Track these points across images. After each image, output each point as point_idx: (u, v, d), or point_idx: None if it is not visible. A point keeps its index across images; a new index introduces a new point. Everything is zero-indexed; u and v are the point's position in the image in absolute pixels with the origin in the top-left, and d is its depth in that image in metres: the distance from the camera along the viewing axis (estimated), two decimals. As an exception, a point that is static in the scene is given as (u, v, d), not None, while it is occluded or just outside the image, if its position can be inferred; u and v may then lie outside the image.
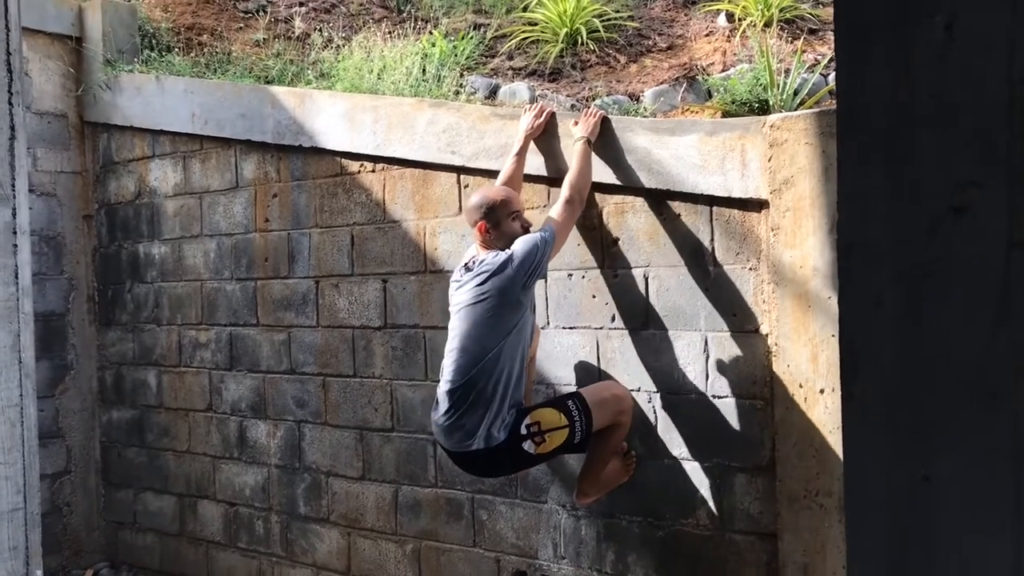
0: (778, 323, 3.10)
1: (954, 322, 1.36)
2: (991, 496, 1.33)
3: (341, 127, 4.33)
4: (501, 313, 3.14)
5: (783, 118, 3.07)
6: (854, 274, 1.53)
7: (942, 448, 1.37)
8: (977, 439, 1.33)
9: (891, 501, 1.41)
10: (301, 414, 4.61)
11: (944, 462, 1.36)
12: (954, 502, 1.36)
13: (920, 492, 1.38)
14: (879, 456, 1.43)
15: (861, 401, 1.48)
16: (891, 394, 1.42)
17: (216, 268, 5.00)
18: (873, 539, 1.44)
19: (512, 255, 3.16)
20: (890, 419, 1.42)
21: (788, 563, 3.08)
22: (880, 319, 1.46)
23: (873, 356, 1.46)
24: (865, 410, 1.46)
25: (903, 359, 1.41)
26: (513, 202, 3.30)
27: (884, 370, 1.43)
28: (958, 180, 1.36)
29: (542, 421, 3.16)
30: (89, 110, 5.60)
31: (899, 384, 1.41)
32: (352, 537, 4.42)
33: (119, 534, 5.62)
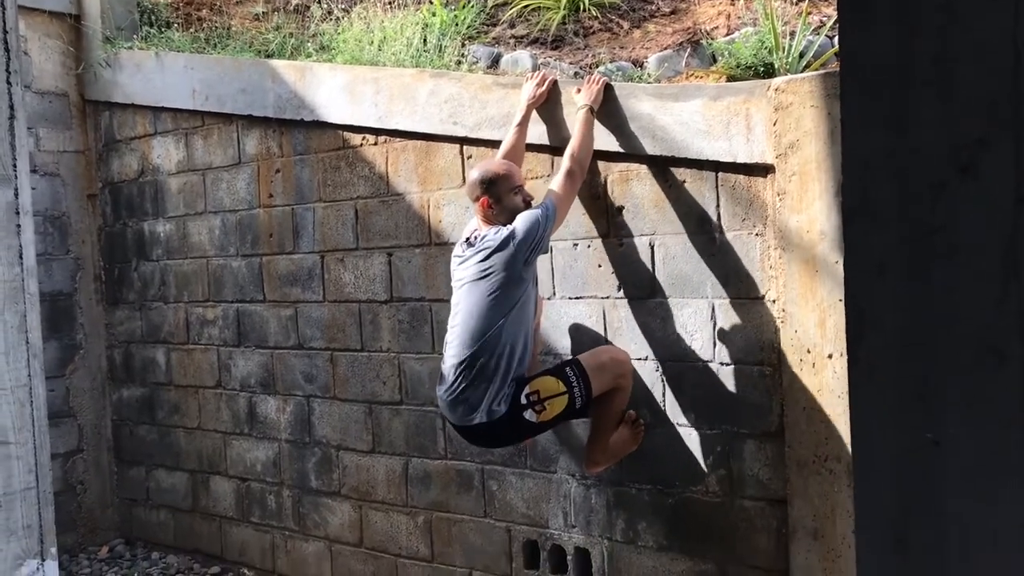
0: (785, 289, 3.08)
1: (961, 284, 1.34)
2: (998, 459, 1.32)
3: (342, 100, 4.30)
4: (504, 289, 3.14)
5: (788, 81, 3.03)
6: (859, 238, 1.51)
7: (949, 412, 1.35)
8: (985, 402, 1.32)
9: (898, 465, 1.40)
10: (310, 389, 4.62)
11: (951, 426, 1.35)
12: (961, 466, 1.35)
13: (927, 456, 1.37)
14: (886, 420, 1.42)
15: (867, 365, 1.46)
16: (897, 358, 1.40)
17: (221, 245, 5.00)
18: (880, 504, 1.43)
19: (514, 231, 3.15)
20: (897, 383, 1.40)
21: (798, 528, 3.08)
22: (886, 282, 1.44)
23: (879, 320, 1.44)
24: (871, 374, 1.45)
25: (909, 322, 1.39)
26: (514, 176, 3.29)
27: (890, 334, 1.42)
28: (963, 140, 1.34)
29: (541, 389, 3.17)
30: (90, 88, 5.58)
31: (905, 348, 1.39)
32: (364, 510, 4.44)
33: (133, 511, 5.66)
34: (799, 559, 3.09)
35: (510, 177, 3.26)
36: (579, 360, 3.25)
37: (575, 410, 3.22)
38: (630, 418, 3.44)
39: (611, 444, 3.38)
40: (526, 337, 3.23)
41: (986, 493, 1.33)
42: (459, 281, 3.27)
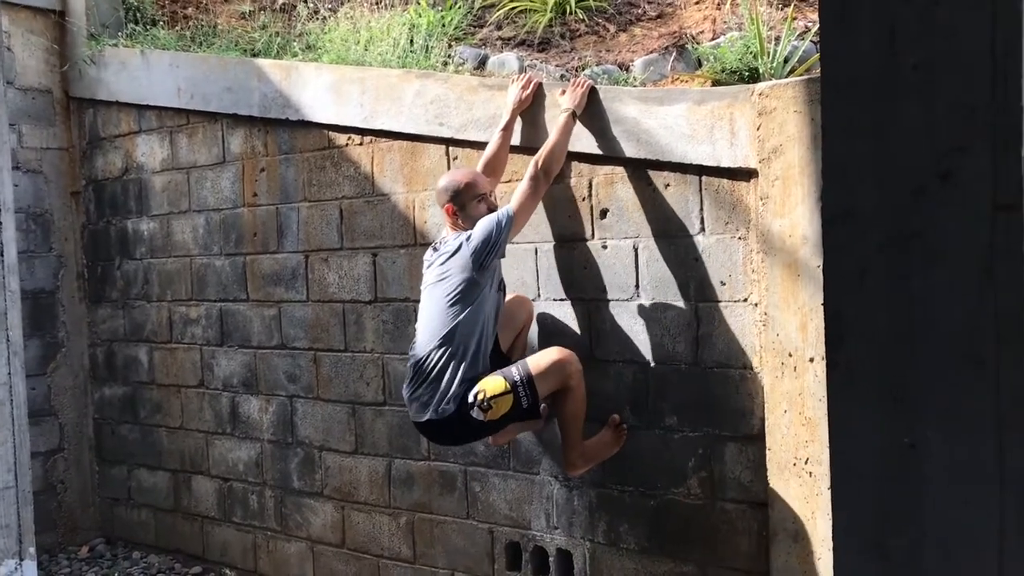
0: (767, 292, 3.10)
1: (939, 289, 1.35)
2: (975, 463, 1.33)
3: (327, 99, 4.29)
4: (460, 292, 3.24)
5: (772, 86, 3.05)
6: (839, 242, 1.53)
7: (927, 416, 1.37)
8: (962, 406, 1.33)
9: (876, 469, 1.42)
10: (293, 389, 4.61)
11: (929, 430, 1.36)
12: (939, 470, 1.36)
13: (905, 460, 1.39)
14: (864, 424, 1.43)
15: (846, 370, 1.47)
16: (876, 362, 1.42)
17: (205, 244, 4.98)
18: (858, 507, 1.44)
19: (470, 235, 3.26)
20: (875, 387, 1.42)
21: (779, 531, 3.10)
22: (865, 287, 1.45)
23: (858, 324, 1.45)
24: (850, 379, 1.46)
25: (888, 327, 1.41)
26: (479, 185, 3.36)
27: (869, 338, 1.43)
28: (942, 147, 1.35)
29: (486, 389, 3.21)
30: (74, 85, 5.55)
31: (884, 352, 1.41)
32: (346, 511, 4.43)
33: (114, 510, 5.63)
34: (779, 561, 3.10)
35: (474, 186, 3.34)
36: (526, 361, 3.28)
37: (523, 410, 3.24)
38: (613, 422, 3.45)
39: (589, 447, 3.39)
40: (481, 339, 3.28)
41: (964, 497, 1.34)
42: (424, 285, 3.41)
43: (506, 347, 3.56)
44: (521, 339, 3.63)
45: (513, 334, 3.58)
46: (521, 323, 3.59)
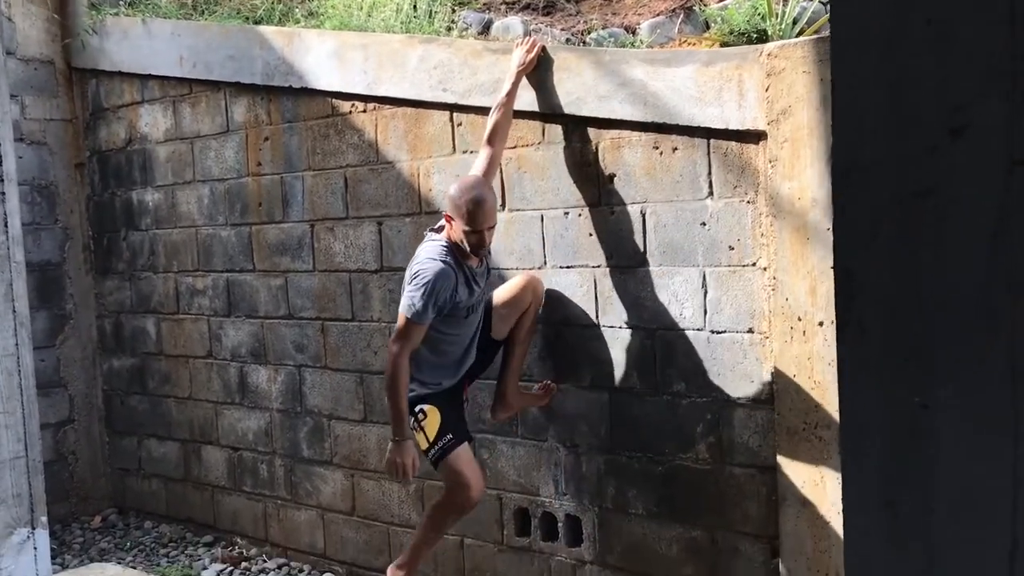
0: (776, 256, 3.07)
1: (952, 245, 1.33)
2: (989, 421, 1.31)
3: (331, 66, 4.25)
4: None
5: (780, 46, 3.00)
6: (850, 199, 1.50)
7: (940, 374, 1.35)
8: (975, 363, 1.31)
9: (888, 429, 1.40)
10: (301, 359, 4.61)
11: (942, 388, 1.34)
12: (952, 428, 1.34)
13: (917, 418, 1.37)
14: (875, 384, 1.41)
15: (856, 328, 1.45)
16: (887, 320, 1.39)
17: (210, 214, 4.96)
18: (869, 468, 1.43)
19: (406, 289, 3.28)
20: (886, 345, 1.40)
21: (787, 495, 3.09)
22: (877, 245, 1.43)
23: (869, 282, 1.43)
24: (861, 337, 1.44)
25: (900, 285, 1.38)
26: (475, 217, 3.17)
27: (880, 296, 1.41)
28: (957, 101, 1.32)
29: (427, 416, 3.38)
30: (76, 56, 5.51)
31: (896, 309, 1.38)
32: (356, 479, 4.45)
33: (125, 481, 5.67)
34: (788, 526, 3.10)
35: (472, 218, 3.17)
36: (457, 446, 3.38)
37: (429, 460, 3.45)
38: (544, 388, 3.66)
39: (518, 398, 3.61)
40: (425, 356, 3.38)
41: (975, 455, 1.33)
42: None
43: (502, 334, 3.53)
44: (527, 320, 3.54)
45: (515, 316, 3.52)
46: (525, 304, 3.52)
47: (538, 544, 3.79)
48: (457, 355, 3.44)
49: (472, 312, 3.39)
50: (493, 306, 3.50)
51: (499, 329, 3.51)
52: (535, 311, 3.57)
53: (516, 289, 3.52)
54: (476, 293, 3.35)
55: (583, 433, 3.62)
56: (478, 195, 3.18)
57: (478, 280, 3.35)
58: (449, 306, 3.26)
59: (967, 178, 1.33)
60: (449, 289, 3.21)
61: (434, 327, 3.31)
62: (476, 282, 3.34)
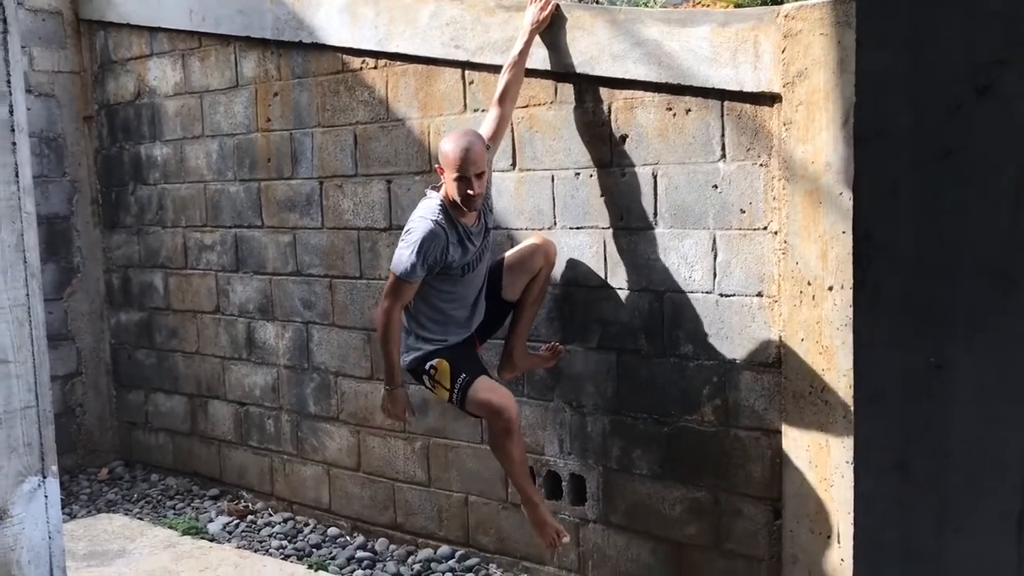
0: (788, 220, 3.06)
1: (972, 208, 1.32)
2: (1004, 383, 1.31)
3: (342, 22, 4.21)
4: None
5: (798, 7, 2.96)
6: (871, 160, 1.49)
7: (955, 335, 1.35)
8: (992, 325, 1.31)
9: (902, 388, 1.40)
10: (309, 315, 4.62)
11: (957, 350, 1.34)
12: (966, 390, 1.34)
13: (931, 380, 1.37)
14: (890, 344, 1.41)
15: (874, 289, 1.45)
16: (905, 282, 1.39)
17: (219, 169, 4.95)
18: (882, 427, 1.43)
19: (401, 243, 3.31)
20: (903, 307, 1.40)
21: (791, 458, 3.11)
22: (896, 206, 1.42)
23: (887, 243, 1.43)
24: (877, 298, 1.44)
25: (918, 246, 1.38)
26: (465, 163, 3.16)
27: (898, 258, 1.40)
28: (982, 60, 1.31)
29: (438, 370, 3.36)
30: (84, 7, 5.47)
31: (913, 272, 1.38)
32: (361, 435, 4.48)
33: (132, 434, 5.71)
34: (792, 488, 3.13)
35: (457, 163, 3.17)
36: (475, 381, 3.33)
37: (453, 404, 3.44)
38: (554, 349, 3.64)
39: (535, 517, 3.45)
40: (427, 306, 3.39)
41: (991, 417, 1.33)
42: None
43: (513, 295, 3.52)
44: (538, 284, 3.53)
45: (526, 279, 3.51)
46: (538, 267, 3.50)
47: (542, 502, 3.82)
48: (462, 315, 3.43)
49: (470, 271, 3.37)
50: (504, 267, 3.50)
51: (510, 290, 3.51)
52: (546, 275, 3.56)
53: (528, 252, 3.51)
54: (471, 252, 3.33)
55: (589, 393, 3.64)
56: (465, 141, 3.20)
57: (473, 239, 3.33)
58: (441, 265, 3.26)
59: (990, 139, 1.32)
60: (439, 248, 3.22)
61: (431, 285, 3.32)
62: (471, 240, 3.32)
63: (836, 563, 3.01)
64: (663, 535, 3.50)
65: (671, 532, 3.48)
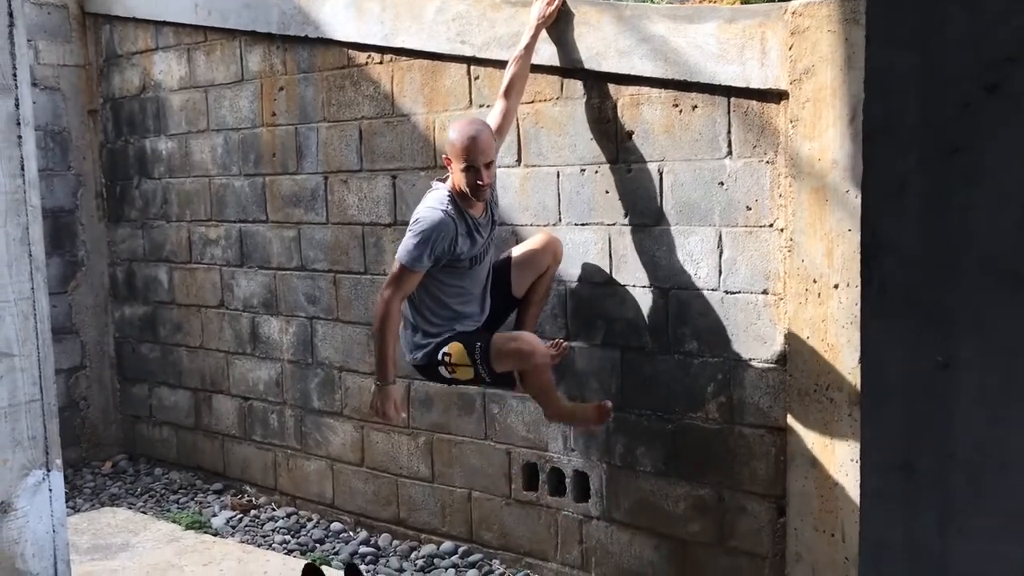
0: (794, 217, 3.05)
1: (980, 206, 1.31)
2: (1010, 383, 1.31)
3: (347, 16, 4.21)
4: None
5: (805, 4, 2.95)
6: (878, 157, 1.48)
7: (962, 335, 1.34)
8: (998, 326, 1.31)
9: (908, 387, 1.40)
10: (313, 310, 4.62)
11: (963, 348, 1.34)
12: (972, 390, 1.34)
13: (937, 378, 1.37)
14: (897, 343, 1.41)
15: (880, 287, 1.45)
16: (911, 280, 1.39)
17: (224, 164, 4.95)
18: (887, 425, 1.43)
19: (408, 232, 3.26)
20: (910, 305, 1.39)
21: (796, 456, 3.11)
22: (904, 204, 1.42)
23: (894, 241, 1.42)
24: (884, 296, 1.43)
25: (925, 244, 1.37)
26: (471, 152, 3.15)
27: (905, 255, 1.40)
28: (991, 58, 1.30)
29: (453, 354, 3.29)
30: (90, 0, 5.46)
31: (920, 270, 1.37)
32: (365, 430, 4.48)
33: (136, 427, 5.72)
34: (796, 485, 3.12)
35: (465, 152, 3.16)
36: (491, 340, 3.28)
37: (487, 382, 3.38)
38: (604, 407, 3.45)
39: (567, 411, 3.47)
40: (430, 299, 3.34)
41: (997, 417, 1.32)
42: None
43: (521, 291, 3.50)
44: (544, 281, 3.53)
45: (533, 276, 3.50)
46: (545, 266, 3.50)
47: (545, 499, 3.83)
48: (470, 310, 3.41)
49: (477, 263, 3.35)
50: (512, 263, 3.49)
51: (517, 287, 3.50)
52: (553, 273, 3.56)
53: (536, 249, 3.50)
54: (479, 243, 3.31)
55: (593, 390, 3.63)
56: (472, 129, 3.18)
57: (481, 230, 3.31)
58: (448, 256, 3.23)
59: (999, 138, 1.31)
60: (448, 239, 3.19)
61: (438, 279, 3.29)
62: (479, 232, 3.30)
63: (840, 561, 3.01)
64: (667, 532, 3.50)
65: (675, 529, 3.47)
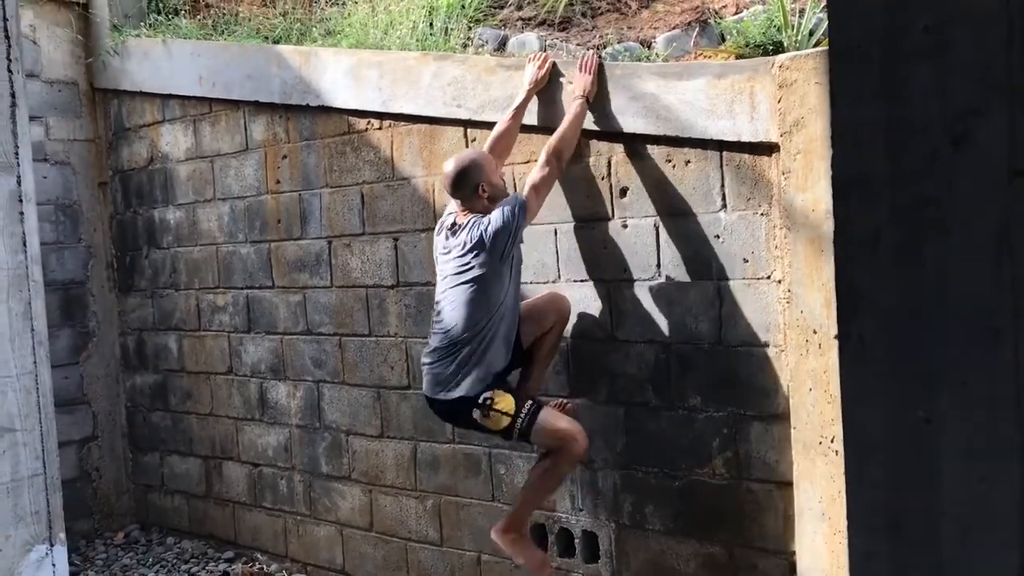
0: (791, 269, 3.04)
1: (954, 258, 1.31)
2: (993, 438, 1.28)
3: (346, 84, 4.28)
4: (483, 286, 3.24)
5: (792, 58, 2.98)
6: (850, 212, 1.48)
7: (942, 389, 1.32)
8: (979, 380, 1.29)
9: (891, 444, 1.38)
10: (319, 374, 4.62)
11: (945, 403, 1.32)
12: (956, 445, 1.31)
13: (920, 434, 1.34)
14: (878, 398, 1.39)
15: (859, 342, 1.43)
16: (890, 334, 1.37)
17: (230, 231, 5.00)
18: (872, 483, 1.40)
19: (488, 227, 3.22)
20: (889, 360, 1.37)
21: (805, 511, 3.05)
22: (878, 257, 1.41)
23: (871, 295, 1.41)
24: (863, 351, 1.42)
25: (902, 298, 1.36)
26: (489, 164, 3.34)
27: (882, 309, 1.39)
28: (956, 110, 1.30)
29: (498, 402, 3.25)
30: (99, 76, 5.59)
31: (898, 324, 1.36)
32: (373, 494, 4.45)
33: (148, 497, 5.70)
34: (806, 542, 3.06)
35: (484, 167, 3.32)
36: (542, 406, 3.30)
37: (506, 435, 3.34)
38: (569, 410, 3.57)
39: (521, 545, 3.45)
40: (506, 337, 3.31)
41: (982, 473, 1.30)
42: (442, 273, 3.39)
43: (527, 342, 3.47)
44: (549, 339, 3.51)
45: (538, 331, 3.48)
46: (550, 323, 3.48)
47: (555, 560, 3.76)
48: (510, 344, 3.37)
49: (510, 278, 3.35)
50: (521, 317, 3.46)
51: (525, 339, 3.48)
52: (559, 331, 3.53)
53: (537, 305, 3.50)
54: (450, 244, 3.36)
55: (599, 448, 3.60)
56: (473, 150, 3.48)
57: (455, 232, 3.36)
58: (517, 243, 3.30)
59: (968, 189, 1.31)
60: None
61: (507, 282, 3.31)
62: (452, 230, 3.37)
63: (854, 619, 2.93)
64: (678, 592, 3.43)
65: (686, 589, 3.41)
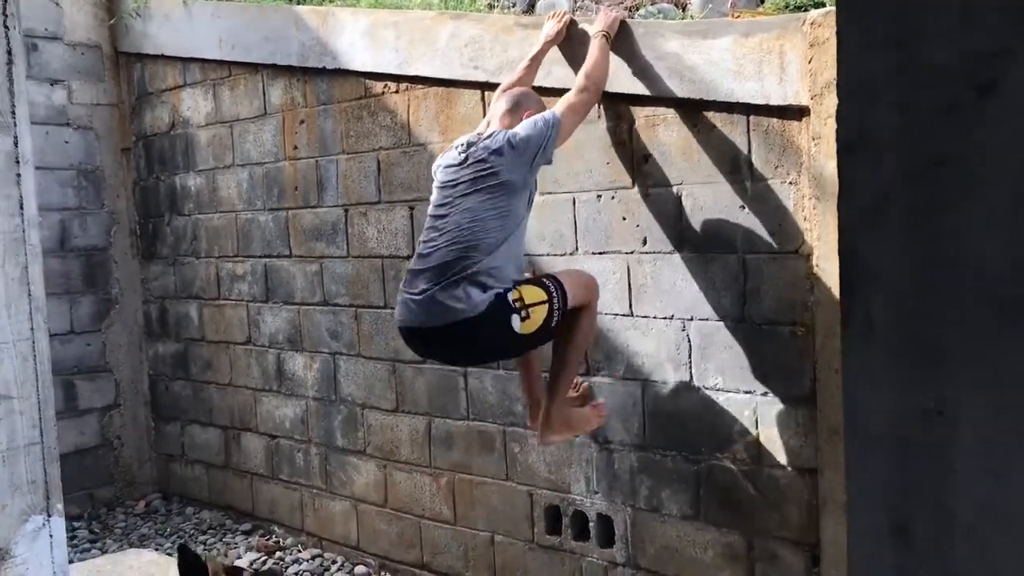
0: (820, 242, 2.84)
1: (974, 225, 1.12)
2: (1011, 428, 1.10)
3: (363, 46, 4.13)
4: (508, 194, 2.87)
5: (824, 14, 2.76)
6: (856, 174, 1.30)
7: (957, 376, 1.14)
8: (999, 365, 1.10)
9: (898, 438, 1.20)
10: (335, 346, 4.52)
11: (959, 392, 1.13)
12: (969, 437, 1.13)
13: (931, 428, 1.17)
14: (884, 385, 1.21)
15: (863, 321, 1.26)
16: (898, 313, 1.19)
17: (249, 198, 4.90)
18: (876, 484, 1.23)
19: (518, 132, 2.91)
20: (896, 342, 1.19)
21: (829, 500, 2.87)
22: (885, 224, 1.23)
23: (877, 270, 1.23)
24: (868, 332, 1.24)
25: (912, 271, 1.18)
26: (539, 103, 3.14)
27: (890, 284, 1.20)
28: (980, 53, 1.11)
29: (525, 296, 2.81)
30: (122, 40, 5.51)
31: (907, 301, 1.18)
32: (388, 469, 4.34)
33: (169, 466, 5.67)
34: (830, 532, 2.88)
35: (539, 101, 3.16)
36: (555, 274, 2.97)
37: (551, 327, 2.87)
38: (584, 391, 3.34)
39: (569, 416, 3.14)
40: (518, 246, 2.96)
41: (997, 467, 1.12)
42: (449, 183, 2.97)
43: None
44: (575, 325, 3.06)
45: None
46: None
47: (569, 543, 3.62)
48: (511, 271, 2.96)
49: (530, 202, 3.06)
50: None
51: None
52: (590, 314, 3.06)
53: None
54: None
55: (615, 429, 3.43)
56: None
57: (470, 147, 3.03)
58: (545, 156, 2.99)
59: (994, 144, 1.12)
60: None
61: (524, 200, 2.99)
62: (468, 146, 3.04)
63: (879, 617, 2.75)
64: (695, 581, 3.27)
65: (703, 578, 3.24)
